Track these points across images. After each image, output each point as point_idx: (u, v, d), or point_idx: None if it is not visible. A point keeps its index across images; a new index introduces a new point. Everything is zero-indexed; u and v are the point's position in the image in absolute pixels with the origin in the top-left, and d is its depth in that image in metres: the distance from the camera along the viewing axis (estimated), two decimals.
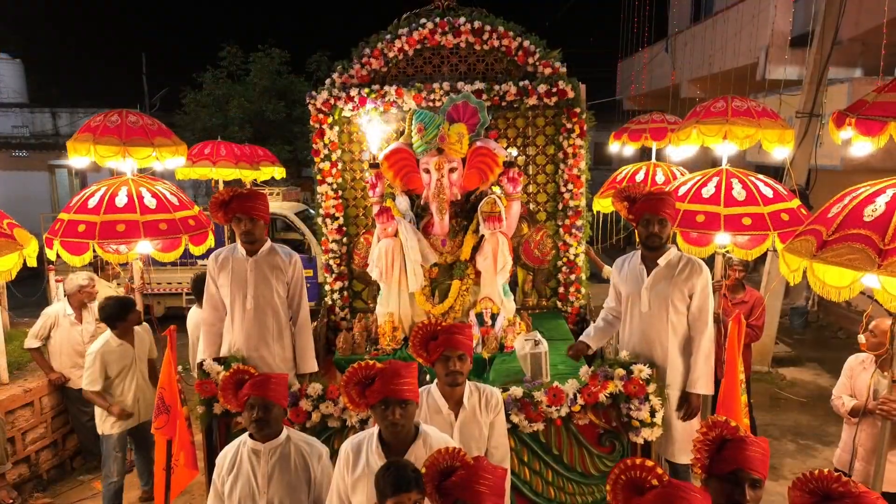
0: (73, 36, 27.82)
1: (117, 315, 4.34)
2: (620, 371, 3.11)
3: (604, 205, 6.65)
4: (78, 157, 4.36)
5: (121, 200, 4.26)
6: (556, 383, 3.18)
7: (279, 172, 9.97)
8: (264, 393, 2.53)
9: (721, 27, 11.51)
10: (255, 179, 9.63)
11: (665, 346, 3.27)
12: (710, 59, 11.83)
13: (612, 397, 3.12)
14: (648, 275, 3.35)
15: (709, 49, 11.90)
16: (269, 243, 3.58)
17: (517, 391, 3.14)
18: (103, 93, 22.47)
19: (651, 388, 3.07)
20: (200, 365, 3.31)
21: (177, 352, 4.09)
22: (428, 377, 3.42)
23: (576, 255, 5.67)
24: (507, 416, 3.08)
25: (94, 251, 4.16)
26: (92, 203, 4.29)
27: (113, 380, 4.35)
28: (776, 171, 8.09)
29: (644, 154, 7.66)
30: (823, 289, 2.90)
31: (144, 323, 4.66)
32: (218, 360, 3.39)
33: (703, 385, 3.22)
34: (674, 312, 3.27)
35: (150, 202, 4.35)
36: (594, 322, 3.74)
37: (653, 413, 3.06)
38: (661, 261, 3.31)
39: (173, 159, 4.67)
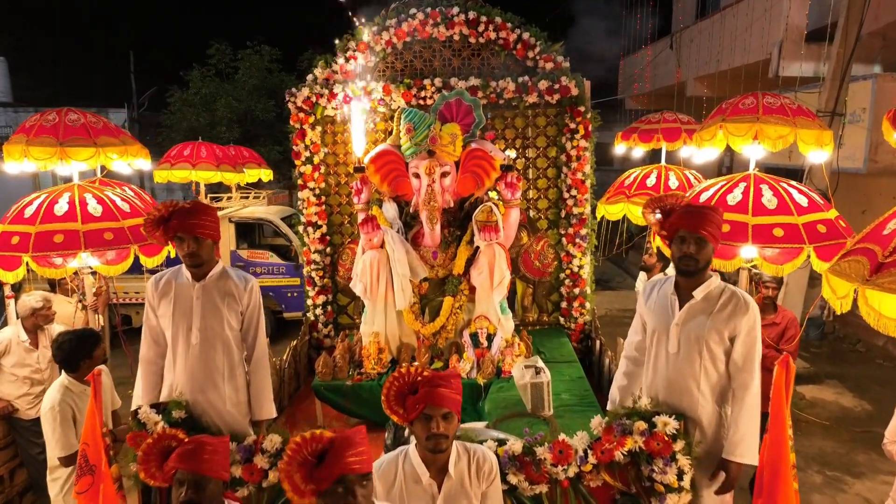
0: (59, 34, 27.26)
1: (80, 352, 3.53)
2: (641, 424, 2.56)
3: (611, 211, 6.14)
4: (12, 163, 3.86)
5: (60, 208, 3.78)
6: (562, 436, 2.63)
7: (265, 174, 9.54)
8: (195, 466, 2.01)
9: (730, 22, 11.06)
10: (239, 182, 9.18)
11: (695, 397, 2.67)
12: (717, 55, 11.39)
13: (631, 455, 2.59)
14: (681, 308, 2.75)
15: (716, 45, 11.45)
16: (220, 266, 3.04)
17: (515, 446, 2.60)
18: (90, 92, 21.95)
19: (678, 445, 2.52)
20: (135, 414, 2.78)
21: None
22: (406, 432, 2.91)
23: (580, 267, 5.29)
24: (504, 476, 2.57)
25: (27, 266, 3.64)
26: (29, 212, 3.82)
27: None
28: (789, 174, 7.59)
29: (652, 156, 7.17)
30: (879, 321, 2.50)
31: (103, 365, 3.84)
32: (157, 406, 2.87)
33: (744, 451, 2.59)
34: (708, 357, 2.66)
35: (95, 209, 3.86)
36: (606, 351, 3.21)
37: (680, 476, 2.51)
38: (698, 293, 2.71)
39: (122, 160, 4.14)
